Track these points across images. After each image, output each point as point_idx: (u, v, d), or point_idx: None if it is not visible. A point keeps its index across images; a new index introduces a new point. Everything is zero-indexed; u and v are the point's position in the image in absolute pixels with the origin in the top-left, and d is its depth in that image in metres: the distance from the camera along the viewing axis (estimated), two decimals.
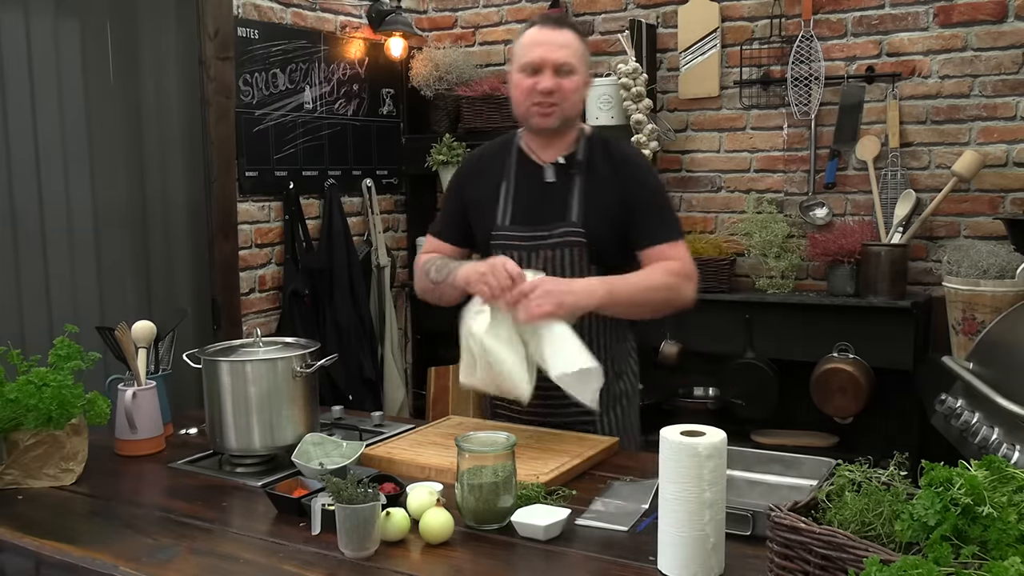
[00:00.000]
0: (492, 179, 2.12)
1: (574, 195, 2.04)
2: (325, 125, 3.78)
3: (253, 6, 3.45)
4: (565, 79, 1.99)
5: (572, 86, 2.00)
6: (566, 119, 2.03)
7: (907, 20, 3.35)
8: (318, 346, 2.00)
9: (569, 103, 2.01)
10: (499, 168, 2.13)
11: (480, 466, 1.54)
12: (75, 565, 1.49)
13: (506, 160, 2.13)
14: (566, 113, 2.02)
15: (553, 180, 2.07)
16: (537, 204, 2.07)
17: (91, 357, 1.92)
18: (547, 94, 1.98)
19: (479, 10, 4.22)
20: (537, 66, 1.99)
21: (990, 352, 2.63)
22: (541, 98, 1.99)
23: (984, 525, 1.03)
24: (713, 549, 1.33)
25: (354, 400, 3.64)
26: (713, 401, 3.69)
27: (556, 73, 1.98)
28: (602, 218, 2.02)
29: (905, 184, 3.36)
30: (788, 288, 3.50)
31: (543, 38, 1.99)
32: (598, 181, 2.05)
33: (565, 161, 2.07)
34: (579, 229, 2.02)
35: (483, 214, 2.12)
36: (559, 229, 2.03)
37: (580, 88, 2.03)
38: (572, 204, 2.04)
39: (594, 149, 2.08)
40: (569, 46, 2.00)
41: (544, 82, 1.98)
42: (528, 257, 2.04)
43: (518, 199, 2.09)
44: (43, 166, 2.80)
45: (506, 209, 2.09)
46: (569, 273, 2.02)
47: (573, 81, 2.00)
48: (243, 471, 1.90)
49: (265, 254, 3.56)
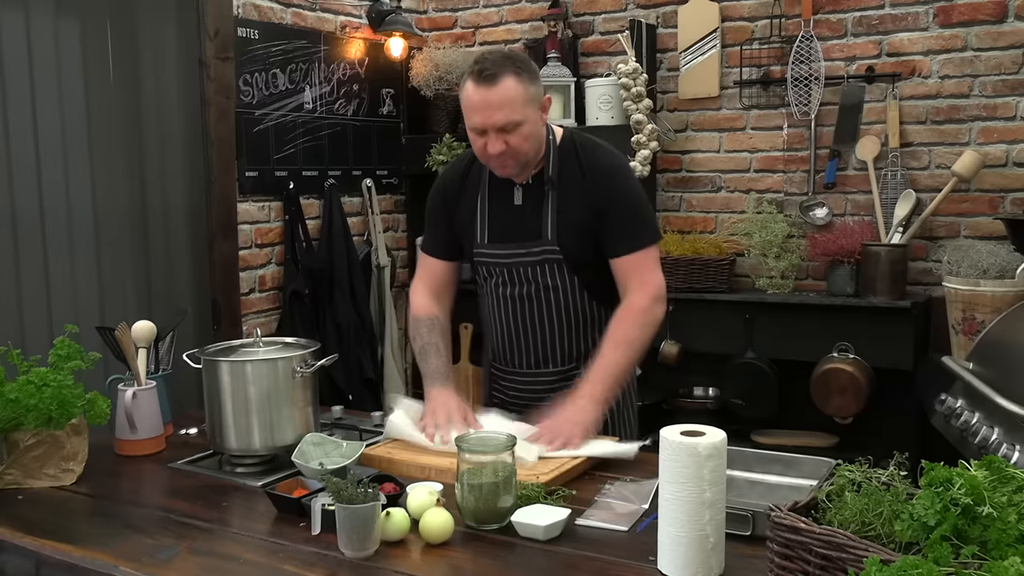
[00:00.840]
0: (469, 195, 2.15)
1: (546, 212, 2.06)
2: (325, 125, 3.78)
3: (253, 6, 3.45)
4: (511, 136, 1.95)
5: (520, 139, 1.96)
6: (526, 162, 2.02)
7: (907, 20, 3.35)
8: (318, 346, 2.00)
9: (522, 152, 1.99)
10: (474, 184, 2.15)
11: (480, 466, 1.54)
12: (75, 565, 1.49)
13: (481, 177, 2.14)
14: (523, 160, 2.01)
15: (522, 203, 2.09)
16: (511, 224, 2.10)
17: (91, 357, 1.92)
18: (499, 155, 1.97)
19: (479, 10, 4.22)
20: (480, 130, 1.97)
21: (990, 352, 2.63)
22: (494, 159, 1.99)
23: (984, 525, 1.03)
24: (713, 549, 1.33)
25: (354, 400, 3.64)
26: (713, 401, 3.69)
27: (500, 133, 1.94)
28: (576, 232, 2.05)
29: (905, 184, 3.36)
30: (788, 288, 3.50)
31: (479, 101, 1.94)
32: (568, 194, 2.06)
33: (534, 181, 2.08)
34: (554, 247, 2.05)
35: (465, 228, 2.16)
36: (536, 247, 2.07)
37: (532, 134, 1.98)
38: (545, 222, 2.06)
39: (564, 161, 2.08)
40: (506, 103, 1.92)
41: (492, 146, 1.96)
42: (510, 273, 2.10)
43: (493, 218, 2.12)
44: (43, 166, 2.80)
45: (484, 227, 2.12)
46: (551, 286, 2.08)
47: (521, 134, 1.96)
48: (243, 471, 1.90)
49: (265, 254, 3.56)
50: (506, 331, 2.17)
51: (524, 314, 2.13)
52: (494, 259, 2.13)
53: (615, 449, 1.89)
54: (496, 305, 2.17)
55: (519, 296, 2.12)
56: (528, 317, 2.13)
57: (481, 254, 2.14)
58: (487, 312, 2.22)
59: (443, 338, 2.19)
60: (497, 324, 2.19)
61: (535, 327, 2.13)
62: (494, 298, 2.17)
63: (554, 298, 2.10)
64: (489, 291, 2.18)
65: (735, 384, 3.53)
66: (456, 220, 2.18)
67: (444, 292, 2.26)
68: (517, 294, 2.12)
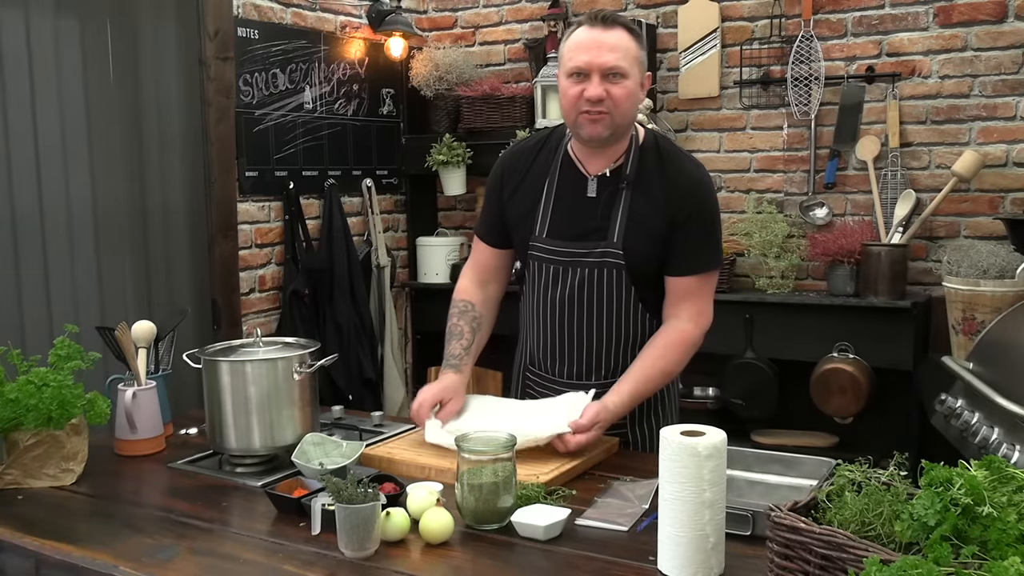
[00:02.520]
0: (534, 182, 2.01)
1: (618, 213, 1.92)
2: (325, 125, 3.78)
3: (253, 6, 3.45)
4: (615, 85, 1.83)
5: (623, 93, 1.83)
6: (617, 128, 1.88)
7: (907, 20, 3.36)
8: (318, 346, 1.99)
9: (620, 111, 1.85)
10: (542, 171, 2.01)
11: (480, 466, 1.54)
12: (75, 565, 1.49)
13: (550, 164, 2.01)
14: (617, 122, 1.86)
15: (595, 195, 1.95)
16: (577, 219, 1.96)
17: (91, 357, 1.92)
18: (595, 102, 1.83)
19: (479, 10, 4.22)
20: (583, 71, 1.83)
21: (990, 352, 2.63)
22: (589, 106, 1.84)
23: (984, 525, 1.03)
24: (713, 549, 1.33)
25: (354, 400, 3.64)
26: (713, 401, 3.69)
27: (604, 79, 1.82)
28: (645, 239, 1.91)
29: (905, 184, 3.36)
30: (788, 288, 3.50)
31: (590, 40, 1.83)
32: (645, 199, 1.92)
33: (611, 175, 1.94)
34: (619, 251, 1.92)
35: (521, 219, 2.03)
36: (598, 248, 1.93)
37: (633, 94, 1.86)
38: (614, 223, 1.92)
39: (646, 161, 1.94)
40: (619, 48, 1.83)
41: (591, 90, 1.82)
42: (563, 272, 1.97)
43: (558, 211, 1.98)
44: (43, 166, 2.80)
45: (545, 220, 1.98)
46: (606, 293, 1.96)
47: (624, 87, 1.83)
48: (243, 471, 1.89)
49: (265, 254, 3.56)
50: (549, 336, 2.03)
51: (572, 320, 1.99)
52: (549, 255, 1.98)
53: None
54: (542, 307, 2.03)
55: (568, 300, 1.98)
56: (576, 323, 1.99)
57: (536, 247, 2.00)
58: (529, 313, 2.08)
59: (470, 324, 2.07)
60: (540, 328, 2.05)
61: (582, 335, 1.99)
62: (540, 299, 2.03)
63: (606, 307, 1.96)
64: (536, 291, 2.04)
65: (735, 384, 3.53)
66: (512, 207, 2.03)
67: (491, 280, 2.14)
68: (567, 297, 1.98)
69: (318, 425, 2.01)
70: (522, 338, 2.17)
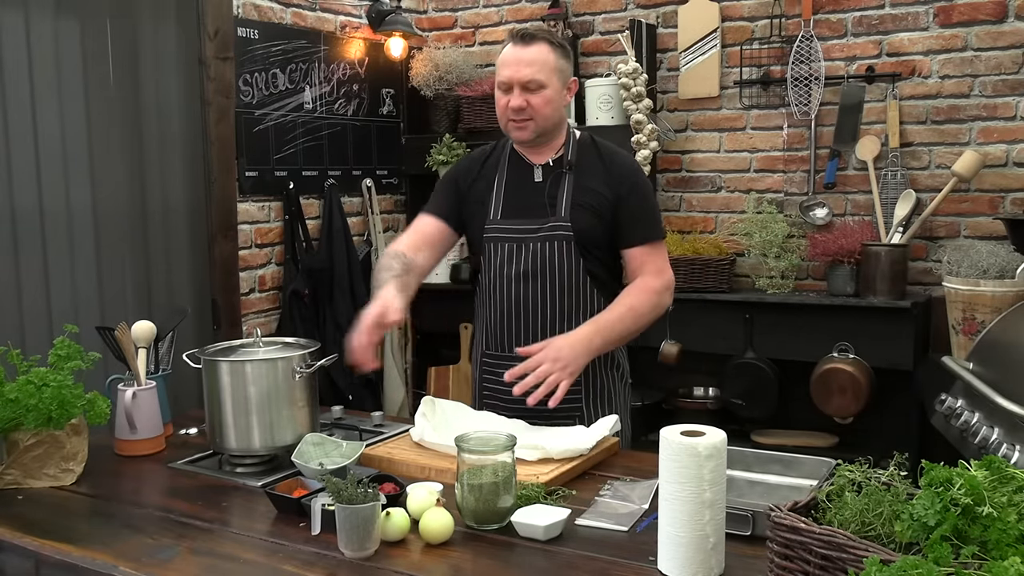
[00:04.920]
0: (485, 178, 2.22)
1: (563, 191, 2.12)
2: (325, 125, 3.78)
3: (253, 6, 3.45)
4: (534, 95, 2.06)
5: (541, 101, 2.07)
6: (542, 131, 2.11)
7: (907, 20, 3.35)
8: (318, 346, 2.00)
9: (542, 116, 2.08)
10: (493, 166, 2.22)
11: (480, 466, 1.54)
12: (75, 565, 1.49)
13: (499, 161, 2.22)
14: (541, 126, 2.10)
15: (542, 180, 2.16)
16: (526, 199, 2.16)
17: (91, 357, 1.92)
18: (518, 111, 2.07)
19: (479, 10, 4.22)
20: (507, 85, 2.08)
21: (990, 352, 2.63)
22: (514, 115, 2.08)
23: (984, 525, 1.03)
24: (713, 549, 1.33)
25: (354, 400, 3.63)
26: (713, 401, 3.70)
27: (524, 90, 2.06)
28: (590, 213, 2.11)
29: (905, 184, 3.36)
30: (788, 288, 3.50)
31: (511, 57, 2.08)
32: (587, 179, 2.13)
33: (554, 163, 2.16)
34: (567, 223, 2.10)
35: (476, 211, 2.20)
36: (547, 223, 2.11)
37: (553, 100, 2.09)
38: (560, 199, 2.12)
39: (583, 150, 2.17)
40: (536, 62, 2.06)
41: (513, 100, 2.07)
42: (518, 249, 2.13)
43: (509, 195, 2.17)
44: (43, 166, 2.80)
45: (498, 204, 2.18)
46: (557, 265, 2.11)
47: (542, 96, 2.07)
48: (243, 471, 1.90)
49: (265, 254, 3.56)
50: (505, 312, 2.16)
51: (525, 292, 2.13)
52: (503, 234, 2.15)
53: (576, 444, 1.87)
54: (498, 285, 2.16)
55: (521, 274, 2.13)
56: (528, 295, 2.13)
57: (492, 229, 2.17)
58: (485, 297, 2.21)
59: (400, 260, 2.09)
60: (495, 305, 2.18)
61: (535, 306, 2.13)
62: (496, 277, 2.17)
63: (557, 277, 2.11)
64: (492, 269, 2.18)
65: (735, 384, 3.53)
66: (469, 200, 2.22)
67: (423, 249, 2.19)
68: (520, 272, 2.13)
69: (318, 425, 2.01)
70: (479, 328, 2.28)
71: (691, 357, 3.61)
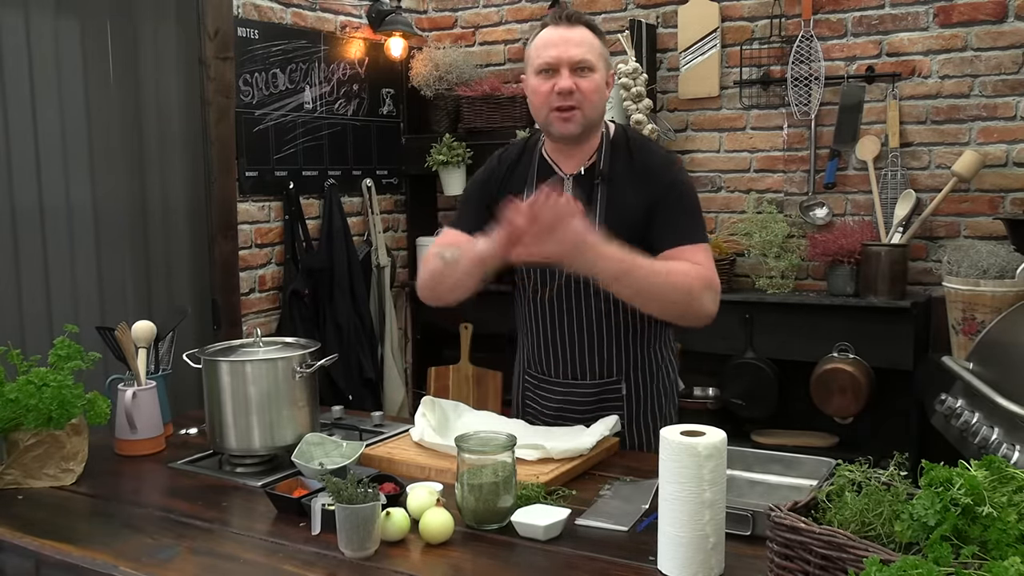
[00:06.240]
0: (514, 186, 2.01)
1: (596, 207, 1.93)
2: (325, 125, 3.78)
3: (253, 6, 3.45)
4: (583, 78, 1.86)
5: (592, 86, 1.87)
6: (588, 123, 1.91)
7: (907, 20, 3.35)
8: (318, 346, 2.00)
9: (590, 104, 1.88)
10: (521, 175, 2.03)
11: (480, 466, 1.54)
12: (75, 565, 1.49)
13: (528, 168, 2.03)
14: (588, 116, 1.89)
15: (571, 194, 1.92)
16: None
17: (91, 357, 1.92)
18: (566, 95, 1.85)
19: (479, 10, 4.22)
20: (552, 66, 1.87)
21: (990, 352, 2.63)
22: (560, 101, 1.86)
23: (984, 525, 1.03)
24: (713, 549, 1.33)
25: (354, 400, 3.64)
26: (713, 401, 3.69)
27: (573, 72, 1.86)
28: (625, 228, 1.87)
29: (905, 184, 3.36)
30: (788, 288, 3.50)
31: (556, 37, 1.87)
32: (620, 190, 1.95)
33: (585, 173, 1.96)
34: None
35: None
36: None
37: (600, 88, 1.90)
38: (593, 219, 1.90)
39: (616, 155, 1.97)
40: (584, 43, 1.87)
41: (562, 82, 1.85)
42: (550, 274, 1.98)
43: None
44: (43, 166, 2.80)
45: None
46: (593, 289, 1.95)
47: (592, 80, 1.87)
48: (243, 471, 1.90)
49: (265, 254, 3.56)
50: (542, 337, 2.04)
51: (562, 319, 2.00)
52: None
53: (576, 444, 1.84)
54: (532, 309, 2.04)
55: (558, 299, 1.99)
56: (566, 322, 2.00)
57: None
58: (522, 317, 2.10)
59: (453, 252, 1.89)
60: (532, 329, 2.06)
61: (572, 334, 2.00)
62: (531, 302, 2.04)
63: (595, 303, 1.97)
64: (526, 294, 2.06)
65: (735, 384, 3.53)
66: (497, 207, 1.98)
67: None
68: (556, 296, 1.99)
69: (318, 425, 2.01)
70: (520, 341, 2.17)
71: (691, 357, 3.59)
